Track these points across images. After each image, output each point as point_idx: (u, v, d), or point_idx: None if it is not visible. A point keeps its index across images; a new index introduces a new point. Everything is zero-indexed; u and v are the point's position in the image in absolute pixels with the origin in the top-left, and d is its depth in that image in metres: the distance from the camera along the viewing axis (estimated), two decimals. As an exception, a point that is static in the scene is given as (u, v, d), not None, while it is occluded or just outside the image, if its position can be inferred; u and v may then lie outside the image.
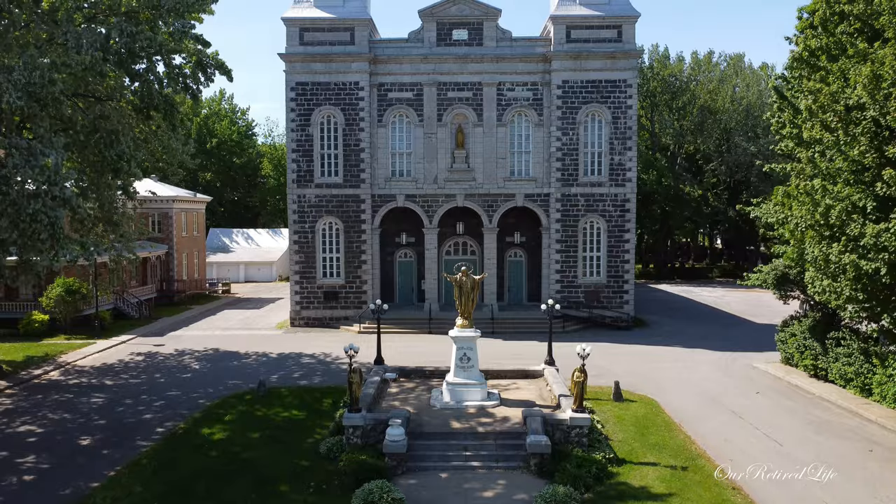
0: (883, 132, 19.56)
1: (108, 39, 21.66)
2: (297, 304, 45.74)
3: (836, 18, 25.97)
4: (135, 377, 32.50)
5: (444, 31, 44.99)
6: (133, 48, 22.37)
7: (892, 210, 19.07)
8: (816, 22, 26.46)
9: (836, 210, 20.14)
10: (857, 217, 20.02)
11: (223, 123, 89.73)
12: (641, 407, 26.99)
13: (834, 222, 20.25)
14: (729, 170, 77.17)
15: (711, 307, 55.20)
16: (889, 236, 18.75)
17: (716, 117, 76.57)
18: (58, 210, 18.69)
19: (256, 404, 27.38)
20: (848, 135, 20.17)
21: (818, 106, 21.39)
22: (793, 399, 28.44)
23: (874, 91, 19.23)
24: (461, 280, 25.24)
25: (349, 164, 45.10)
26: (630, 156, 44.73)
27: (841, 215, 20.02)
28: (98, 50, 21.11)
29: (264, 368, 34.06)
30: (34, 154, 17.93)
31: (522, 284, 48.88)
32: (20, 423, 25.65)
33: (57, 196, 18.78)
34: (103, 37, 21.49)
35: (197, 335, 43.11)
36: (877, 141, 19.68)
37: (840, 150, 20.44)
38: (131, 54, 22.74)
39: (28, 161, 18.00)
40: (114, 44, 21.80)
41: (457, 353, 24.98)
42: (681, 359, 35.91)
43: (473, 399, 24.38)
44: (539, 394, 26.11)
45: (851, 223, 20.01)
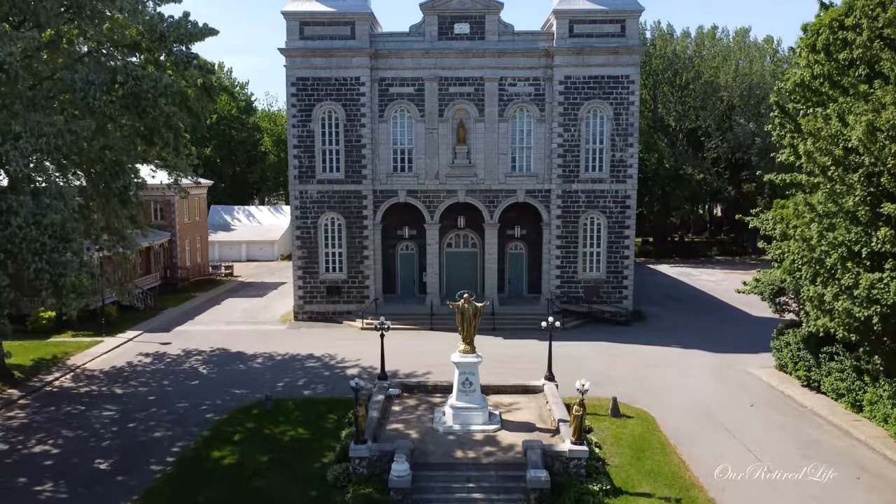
0: (879, 186, 19.79)
1: (114, 81, 21.66)
2: (300, 298, 46.34)
3: (839, 44, 25.95)
4: (143, 384, 33.27)
5: (446, 24, 44.51)
6: (138, 91, 22.39)
7: (886, 260, 19.45)
8: (819, 46, 26.44)
9: (831, 259, 20.52)
10: (852, 266, 20.42)
11: (223, 98, 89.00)
12: (638, 425, 27.76)
13: (829, 268, 20.65)
14: (730, 147, 76.98)
15: (709, 295, 55.84)
16: (882, 286, 19.18)
17: (718, 95, 76.06)
18: (65, 267, 19.02)
19: (263, 420, 28.14)
20: (844, 184, 20.42)
21: (817, 149, 21.56)
22: (785, 413, 29.22)
23: (870, 143, 19.40)
24: (463, 307, 25.71)
25: (351, 160, 45.16)
26: (631, 152, 44.76)
27: (836, 263, 20.42)
28: (106, 93, 21.16)
29: (269, 374, 34.82)
30: (41, 206, 18.23)
31: (523, 276, 49.40)
32: (36, 441, 26.45)
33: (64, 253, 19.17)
34: (109, 80, 21.49)
35: (202, 331, 43.80)
36: (871, 193, 19.92)
37: (835, 201, 20.70)
38: (137, 97, 22.77)
39: (35, 217, 18.29)
40: (119, 87, 21.83)
41: (459, 377, 25.63)
42: (677, 363, 36.62)
43: (475, 423, 25.15)
44: (539, 414, 26.87)
45: (846, 273, 20.44)
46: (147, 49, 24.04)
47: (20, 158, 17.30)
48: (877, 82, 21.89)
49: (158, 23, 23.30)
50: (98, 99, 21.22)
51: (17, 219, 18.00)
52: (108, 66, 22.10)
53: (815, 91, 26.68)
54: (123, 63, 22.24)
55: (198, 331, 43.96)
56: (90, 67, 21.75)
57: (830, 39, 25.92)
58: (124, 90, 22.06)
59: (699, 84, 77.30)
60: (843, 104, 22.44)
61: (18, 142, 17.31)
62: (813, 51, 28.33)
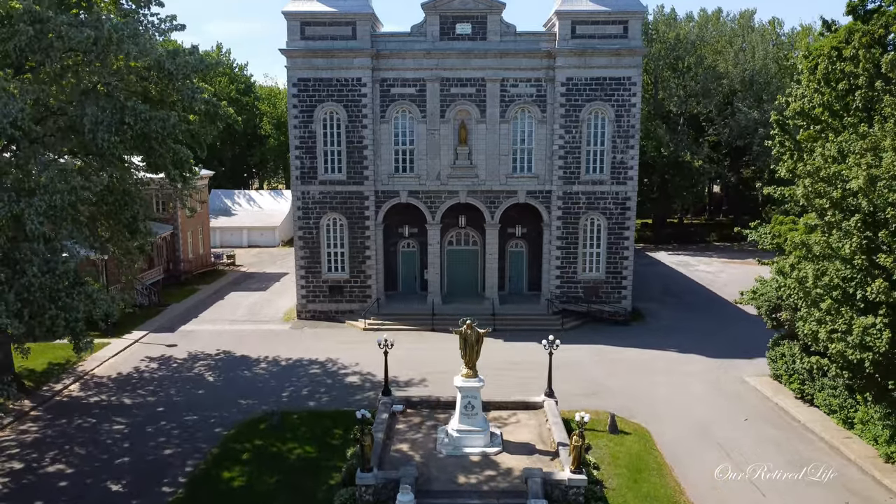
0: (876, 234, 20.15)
1: (122, 122, 21.84)
2: (303, 297, 46.91)
3: (838, 73, 26.08)
4: (151, 393, 33.99)
5: (448, 24, 44.28)
6: (147, 132, 22.58)
7: (879, 306, 19.94)
8: (819, 76, 26.57)
9: (825, 303, 21.00)
10: (846, 311, 20.92)
11: (222, 81, 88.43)
12: (635, 442, 28.53)
13: (823, 311, 21.16)
14: (731, 132, 76.91)
15: (707, 289, 56.43)
16: (875, 332, 19.70)
17: (720, 83, 75.75)
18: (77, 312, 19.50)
19: (270, 437, 28.86)
20: (841, 229, 20.80)
21: (815, 190, 21.88)
22: (778, 428, 29.99)
23: (869, 192, 19.73)
24: (466, 333, 26.25)
25: (352, 161, 45.31)
26: (632, 154, 44.92)
27: (830, 308, 20.92)
28: (114, 134, 21.36)
29: (274, 381, 35.53)
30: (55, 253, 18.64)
31: (523, 274, 49.93)
32: (50, 459, 27.19)
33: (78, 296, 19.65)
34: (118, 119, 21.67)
35: (207, 331, 44.43)
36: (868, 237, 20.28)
37: (831, 247, 21.10)
38: (145, 138, 22.95)
39: (49, 265, 18.72)
40: (127, 128, 22.00)
41: (461, 401, 26.29)
42: (674, 369, 37.33)
43: (477, 445, 25.90)
44: (539, 433, 27.62)
45: (840, 318, 20.95)
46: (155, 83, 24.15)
47: (35, 216, 17.66)
48: (876, 122, 22.12)
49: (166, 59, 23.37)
50: (106, 140, 21.47)
51: (33, 268, 18.42)
52: (116, 104, 22.27)
53: (815, 119, 26.88)
54: (132, 102, 22.39)
55: (202, 331, 44.59)
56: (97, 104, 21.91)
57: (829, 69, 26.04)
58: (133, 131, 22.28)
59: (701, 69, 76.94)
60: (841, 142, 22.70)
61: (33, 199, 17.64)
62: (813, 73, 28.48)
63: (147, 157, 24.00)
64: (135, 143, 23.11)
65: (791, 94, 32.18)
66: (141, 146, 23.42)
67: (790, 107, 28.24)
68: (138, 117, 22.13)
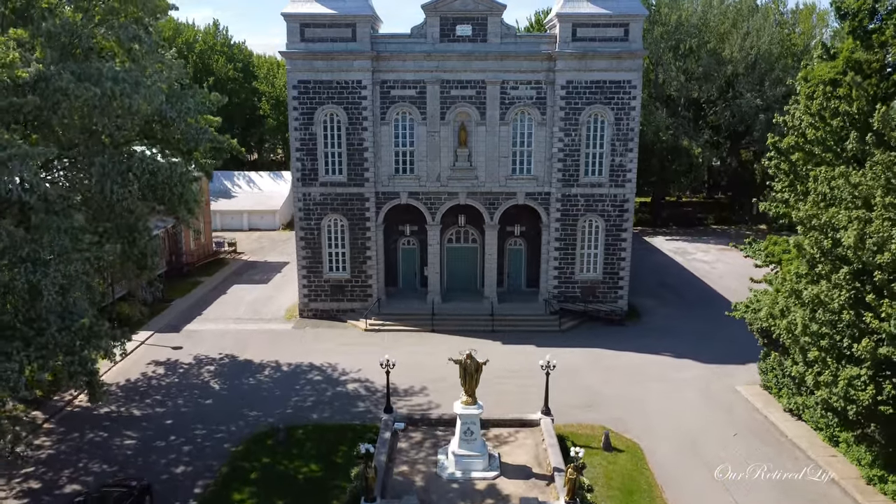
0: (864, 288, 20.81)
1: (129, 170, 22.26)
2: (304, 296, 47.69)
3: (833, 109, 26.41)
4: (160, 404, 35.00)
5: (448, 26, 44.11)
6: (155, 183, 22.99)
7: (865, 360, 20.71)
8: (814, 110, 26.89)
9: (812, 353, 21.75)
10: (832, 362, 21.70)
11: (219, 61, 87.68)
12: (628, 460, 29.63)
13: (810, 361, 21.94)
14: (732, 116, 76.81)
15: (703, 282, 57.24)
16: (859, 385, 20.51)
17: (722, 69, 75.32)
18: (94, 364, 20.18)
19: (277, 454, 29.93)
20: (831, 282, 21.43)
21: (808, 239, 22.42)
22: (767, 444, 31.05)
23: (859, 250, 20.31)
24: (465, 363, 27.15)
25: (353, 163, 45.60)
26: (631, 157, 45.21)
27: (816, 359, 21.68)
28: (122, 186, 21.81)
29: (279, 391, 36.51)
30: (69, 312, 19.31)
31: (521, 271, 50.66)
32: (66, 478, 28.25)
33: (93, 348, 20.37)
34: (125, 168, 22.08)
35: (211, 331, 45.30)
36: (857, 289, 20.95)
37: (820, 299, 21.75)
38: (152, 188, 23.37)
39: (65, 322, 19.40)
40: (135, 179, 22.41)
41: (461, 426, 27.28)
42: (668, 376, 38.32)
43: (476, 469, 26.99)
44: (535, 454, 28.69)
45: (826, 369, 21.74)
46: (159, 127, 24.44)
47: (51, 287, 18.26)
48: (868, 168, 22.55)
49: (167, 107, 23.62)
50: (115, 192, 21.93)
51: (52, 327, 19.12)
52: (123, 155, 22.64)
53: (810, 152, 27.28)
54: (140, 154, 22.76)
55: (206, 331, 45.46)
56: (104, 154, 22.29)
57: (825, 105, 26.34)
58: (140, 182, 22.71)
59: (704, 51, 76.37)
60: (834, 188, 23.17)
61: (48, 269, 18.25)
62: (810, 100, 28.77)
63: (155, 201, 24.51)
64: (143, 194, 23.61)
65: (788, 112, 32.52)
66: (149, 195, 23.93)
67: (785, 140, 28.60)
68: (145, 169, 22.56)
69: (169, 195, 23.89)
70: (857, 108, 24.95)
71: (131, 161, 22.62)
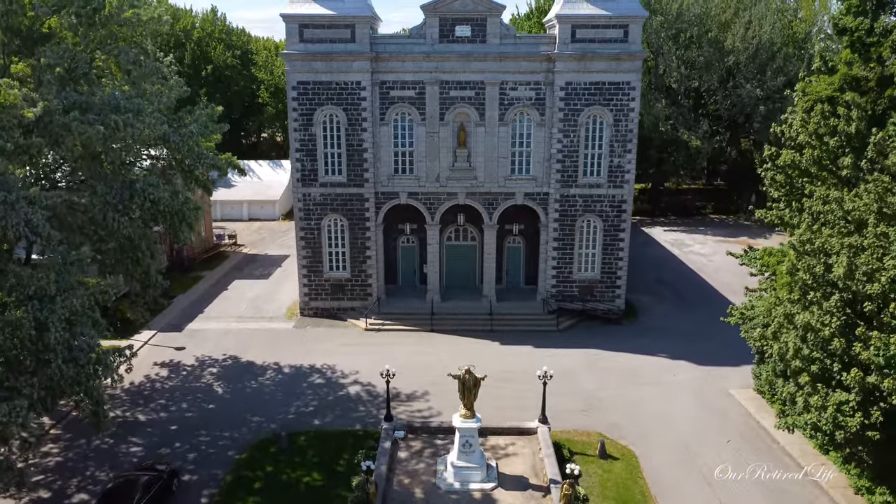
0: (854, 315, 21.26)
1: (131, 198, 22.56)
2: (305, 295, 48.19)
3: (830, 128, 26.66)
4: (163, 408, 35.65)
5: (447, 26, 44.03)
6: (156, 211, 23.29)
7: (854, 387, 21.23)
8: (811, 129, 27.13)
9: (802, 378, 22.27)
10: (821, 388, 22.23)
11: (217, 48, 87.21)
12: (623, 469, 30.34)
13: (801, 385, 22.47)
14: (733, 107, 76.72)
15: (699, 277, 57.75)
16: (848, 410, 21.08)
17: (724, 59, 75.03)
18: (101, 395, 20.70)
19: (280, 462, 30.62)
20: (822, 309, 21.87)
21: (801, 265, 22.83)
22: (758, 451, 31.74)
23: (849, 280, 20.73)
24: (464, 378, 27.71)
25: (353, 164, 45.80)
26: (629, 158, 45.42)
27: (806, 388, 22.22)
28: (122, 214, 22.17)
29: (280, 394, 37.15)
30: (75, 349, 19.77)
31: (520, 268, 51.09)
32: (74, 487, 28.98)
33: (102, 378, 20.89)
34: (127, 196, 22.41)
35: (213, 330, 45.86)
36: (847, 315, 21.41)
37: (812, 327, 22.20)
38: (153, 216, 23.67)
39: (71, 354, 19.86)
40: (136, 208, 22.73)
41: (460, 439, 27.94)
42: (663, 379, 38.94)
43: (474, 480, 27.71)
44: (532, 464, 29.40)
45: (815, 394, 22.28)
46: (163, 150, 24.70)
47: (57, 322, 18.70)
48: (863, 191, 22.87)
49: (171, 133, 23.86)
50: (116, 220, 22.28)
51: (58, 358, 19.60)
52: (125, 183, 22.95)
53: (806, 171, 27.58)
54: (141, 184, 23.04)
55: (209, 330, 46.01)
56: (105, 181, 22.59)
57: (822, 123, 26.57)
58: (142, 211, 23.03)
59: (705, 40, 75.95)
60: (827, 211, 23.51)
61: (55, 306, 18.69)
62: (808, 115, 28.99)
63: (156, 225, 24.87)
64: (144, 221, 23.92)
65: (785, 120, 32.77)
66: (150, 222, 24.26)
67: (782, 157, 28.85)
68: (146, 198, 22.88)
69: (171, 222, 24.26)
70: (855, 129, 25.22)
71: (133, 190, 22.94)
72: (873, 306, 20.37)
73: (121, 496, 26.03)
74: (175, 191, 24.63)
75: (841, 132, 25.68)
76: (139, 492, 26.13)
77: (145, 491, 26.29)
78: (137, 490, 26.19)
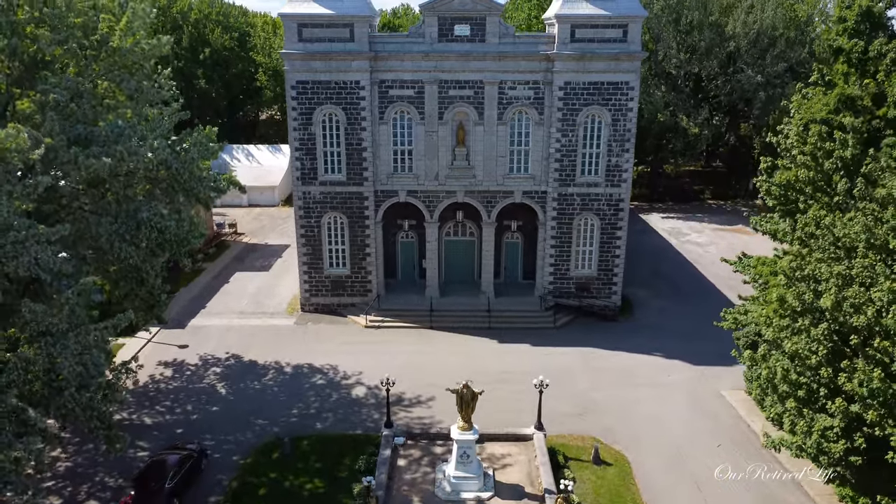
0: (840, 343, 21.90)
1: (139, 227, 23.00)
2: (306, 291, 48.83)
3: (825, 152, 27.04)
4: (169, 410, 36.53)
5: (446, 26, 43.94)
6: (162, 241, 23.74)
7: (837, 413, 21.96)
8: (808, 151, 27.49)
9: (789, 403, 22.97)
10: (807, 413, 22.96)
11: (215, 31, 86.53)
12: (616, 475, 31.30)
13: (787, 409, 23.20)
14: (733, 93, 76.58)
15: (695, 269, 58.36)
16: (832, 436, 21.84)
17: (725, 44, 74.64)
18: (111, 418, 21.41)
19: (283, 469, 31.54)
20: (810, 336, 22.49)
21: (790, 293, 23.40)
22: (748, 456, 32.60)
23: (836, 312, 21.32)
24: (462, 391, 28.46)
25: (352, 163, 46.07)
26: (627, 157, 45.70)
27: (792, 411, 22.95)
28: (130, 244, 22.64)
29: (283, 396, 38.00)
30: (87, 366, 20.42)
31: (518, 263, 51.63)
32: (84, 494, 29.94)
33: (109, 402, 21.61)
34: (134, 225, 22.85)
35: (215, 327, 46.58)
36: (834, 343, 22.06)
37: (799, 356, 22.83)
38: (160, 245, 24.12)
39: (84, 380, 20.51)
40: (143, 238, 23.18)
41: (458, 450, 28.81)
42: (657, 381, 39.76)
43: (472, 490, 28.67)
44: (528, 472, 30.35)
45: (801, 419, 23.03)
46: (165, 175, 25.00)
47: (70, 358, 19.32)
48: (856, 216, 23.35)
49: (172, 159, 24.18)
50: (124, 251, 22.76)
51: (71, 386, 20.25)
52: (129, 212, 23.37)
53: (800, 190, 28.00)
54: (148, 213, 23.47)
55: (211, 326, 46.73)
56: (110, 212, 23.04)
57: (818, 146, 26.92)
58: (148, 241, 23.49)
59: (706, 25, 75.42)
60: (820, 237, 24.00)
61: (67, 342, 19.27)
62: (804, 131, 29.33)
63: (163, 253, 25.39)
64: (151, 250, 24.41)
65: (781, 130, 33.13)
66: (157, 251, 24.73)
67: (776, 176, 29.24)
68: (153, 227, 23.34)
69: (176, 248, 24.79)
70: (850, 154, 25.61)
71: (139, 220, 23.39)
72: (858, 339, 21.01)
73: (154, 474, 28.75)
74: (181, 218, 25.10)
75: (837, 157, 26.05)
76: (171, 470, 28.88)
77: (177, 470, 29.07)
78: (170, 469, 28.94)
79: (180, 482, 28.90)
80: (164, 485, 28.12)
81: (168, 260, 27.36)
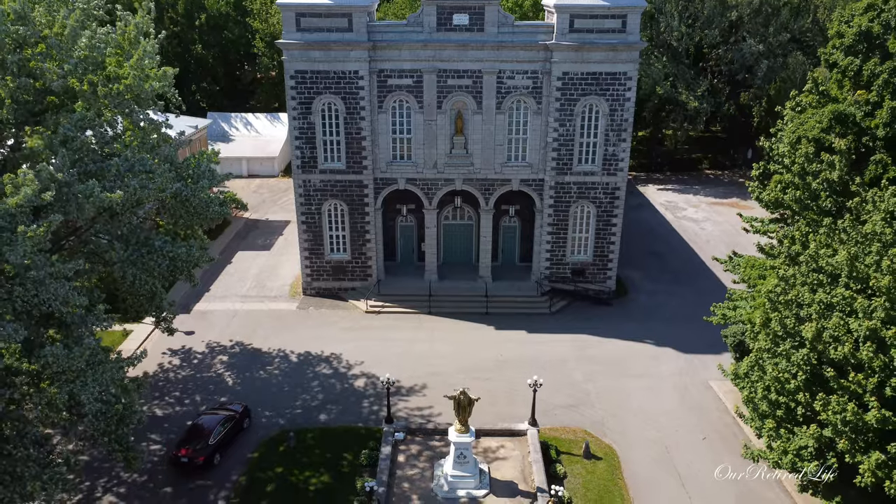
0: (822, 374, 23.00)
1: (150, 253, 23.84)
2: (308, 276, 49.90)
3: (813, 171, 27.72)
4: (178, 402, 38.06)
5: (445, 15, 43.80)
6: (174, 267, 24.51)
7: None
8: (795, 170, 28.15)
9: (768, 424, 24.24)
10: (784, 434, 24.24)
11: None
12: (605, 469, 32.97)
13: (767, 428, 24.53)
14: (733, 59, 76.14)
15: (690, 248, 59.27)
16: (807, 455, 23.19)
17: (726, 15, 73.85)
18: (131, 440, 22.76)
19: (290, 463, 33.18)
20: (790, 360, 23.60)
21: (774, 317, 24.42)
22: (733, 453, 33.82)
23: (817, 343, 22.38)
24: (459, 398, 29.83)
25: (351, 151, 46.52)
26: (624, 147, 46.15)
27: (771, 430, 24.25)
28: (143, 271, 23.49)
29: (288, 386, 39.48)
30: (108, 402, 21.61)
31: (515, 247, 52.58)
32: (101, 489, 31.60)
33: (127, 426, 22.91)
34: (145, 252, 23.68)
35: (220, 311, 47.80)
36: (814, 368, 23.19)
37: (780, 379, 23.97)
38: (171, 271, 24.88)
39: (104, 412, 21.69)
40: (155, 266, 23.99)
41: (455, 451, 30.36)
42: (648, 371, 41.12)
43: (468, 488, 30.36)
44: (522, 468, 32.02)
45: (779, 439, 24.35)
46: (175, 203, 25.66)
47: (90, 396, 20.38)
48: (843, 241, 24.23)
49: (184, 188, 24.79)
50: (138, 278, 23.64)
51: (89, 415, 21.45)
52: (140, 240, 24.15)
53: (788, 206, 28.76)
54: (160, 241, 24.27)
55: (216, 311, 47.95)
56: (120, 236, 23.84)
57: (806, 166, 27.55)
58: (160, 269, 24.30)
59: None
60: (804, 263, 24.90)
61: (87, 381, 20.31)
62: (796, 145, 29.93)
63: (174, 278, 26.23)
64: (163, 276, 25.29)
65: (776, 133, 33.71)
66: (167, 275, 25.61)
67: (765, 192, 29.94)
68: (165, 255, 24.17)
69: (186, 272, 25.71)
70: (837, 177, 26.31)
71: (151, 247, 24.21)
72: (833, 373, 22.16)
73: (202, 430, 33.07)
74: (189, 245, 25.96)
75: (824, 179, 26.74)
76: (217, 426, 33.20)
77: (222, 426, 33.36)
78: (216, 425, 33.26)
79: (224, 439, 33.20)
80: (208, 441, 32.43)
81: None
